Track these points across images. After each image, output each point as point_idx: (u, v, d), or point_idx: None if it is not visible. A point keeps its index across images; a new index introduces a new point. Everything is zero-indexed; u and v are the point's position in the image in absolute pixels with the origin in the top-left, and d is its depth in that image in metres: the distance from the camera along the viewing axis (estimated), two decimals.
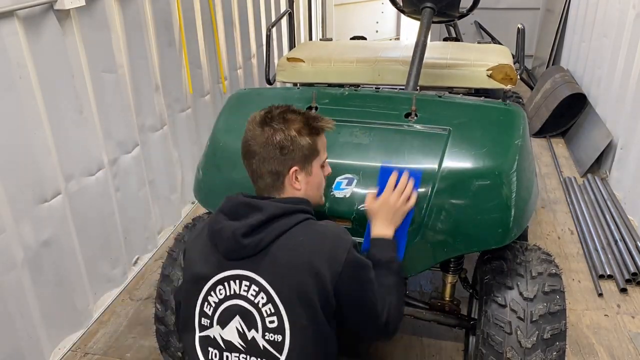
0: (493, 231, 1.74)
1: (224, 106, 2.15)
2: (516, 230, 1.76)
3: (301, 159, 1.55)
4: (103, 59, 2.71)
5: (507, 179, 1.74)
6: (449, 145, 1.80)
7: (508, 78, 2.49)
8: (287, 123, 1.54)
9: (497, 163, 1.76)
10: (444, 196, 1.73)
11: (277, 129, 1.52)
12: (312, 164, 1.59)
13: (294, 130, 1.53)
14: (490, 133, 1.87)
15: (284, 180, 1.55)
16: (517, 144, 1.82)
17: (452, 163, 1.77)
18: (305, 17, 6.27)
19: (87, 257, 2.68)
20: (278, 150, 1.52)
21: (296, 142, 1.53)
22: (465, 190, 1.73)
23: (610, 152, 4.05)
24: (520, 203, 1.76)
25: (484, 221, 1.73)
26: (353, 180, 1.79)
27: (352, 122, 1.94)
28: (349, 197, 1.77)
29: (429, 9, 2.59)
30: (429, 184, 1.75)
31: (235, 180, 1.88)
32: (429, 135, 1.85)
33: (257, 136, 1.54)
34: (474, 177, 1.74)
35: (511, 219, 1.73)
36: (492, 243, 1.76)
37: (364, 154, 1.84)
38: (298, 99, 2.08)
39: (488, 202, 1.73)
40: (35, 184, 2.31)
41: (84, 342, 2.63)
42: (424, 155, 1.81)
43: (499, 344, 1.73)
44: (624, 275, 2.96)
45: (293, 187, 1.56)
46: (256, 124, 1.56)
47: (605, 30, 4.56)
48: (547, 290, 1.77)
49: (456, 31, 4.09)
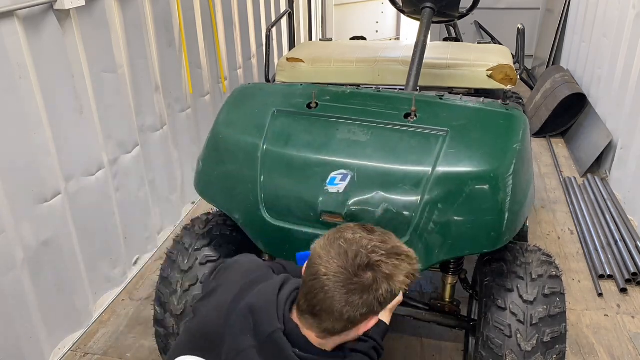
0: (485, 235, 1.73)
1: (226, 100, 2.15)
2: (508, 235, 1.76)
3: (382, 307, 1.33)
4: (103, 59, 2.71)
5: (502, 182, 1.73)
6: (446, 146, 1.79)
7: (508, 78, 2.49)
8: (396, 270, 1.28)
9: (493, 166, 1.75)
10: (437, 197, 1.72)
11: (382, 278, 1.26)
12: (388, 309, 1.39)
13: (399, 281, 1.28)
14: (489, 136, 1.86)
15: (352, 327, 1.32)
16: (515, 148, 1.81)
17: (447, 164, 1.76)
18: (305, 17, 6.26)
19: (87, 257, 2.68)
20: (370, 301, 1.27)
21: (394, 292, 1.31)
22: (459, 192, 1.72)
23: (610, 152, 4.05)
24: (514, 207, 1.76)
25: (477, 224, 1.72)
26: (347, 176, 1.78)
27: (351, 120, 1.93)
28: (342, 192, 1.76)
29: (429, 9, 2.58)
30: (423, 184, 1.73)
31: (231, 173, 1.89)
32: (427, 136, 1.84)
33: (344, 279, 1.25)
34: (469, 179, 1.73)
35: (504, 223, 1.73)
36: (484, 247, 1.76)
37: (361, 152, 1.83)
38: (300, 95, 2.08)
39: (482, 205, 1.72)
40: (35, 184, 2.31)
41: (84, 342, 2.63)
42: (420, 155, 1.80)
43: (499, 347, 1.73)
44: (624, 275, 2.97)
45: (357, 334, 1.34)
46: (349, 266, 1.25)
47: (605, 30, 4.55)
48: (547, 292, 1.77)
49: (456, 31, 4.09)
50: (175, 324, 1.99)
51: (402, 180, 1.75)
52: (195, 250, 2.05)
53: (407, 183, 1.74)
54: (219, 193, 1.95)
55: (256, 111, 2.01)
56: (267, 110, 1.99)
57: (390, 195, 1.74)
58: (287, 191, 1.82)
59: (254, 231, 1.90)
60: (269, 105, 2.01)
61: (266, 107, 2.01)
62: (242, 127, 1.98)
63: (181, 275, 2.01)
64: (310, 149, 1.85)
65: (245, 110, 2.06)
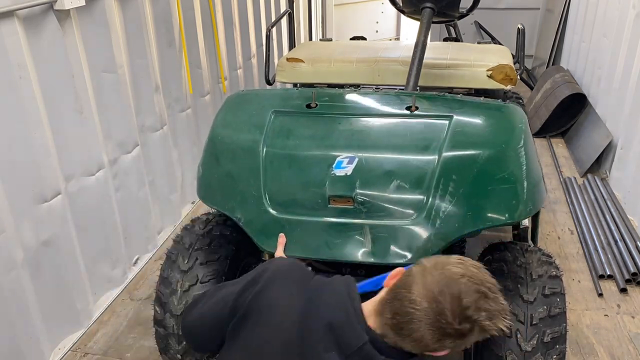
0: (506, 204, 1.68)
1: (222, 106, 2.15)
2: (531, 205, 1.71)
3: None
4: (103, 59, 2.71)
5: (514, 152, 1.71)
6: (452, 126, 1.78)
7: (508, 78, 2.49)
8: (492, 327, 1.20)
9: (503, 139, 1.74)
10: (450, 171, 1.69)
11: (479, 332, 1.19)
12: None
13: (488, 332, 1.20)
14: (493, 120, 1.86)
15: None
16: (521, 127, 1.82)
17: (457, 140, 1.73)
18: (305, 17, 6.26)
19: (87, 257, 2.68)
20: (459, 344, 1.22)
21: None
22: (472, 164, 1.70)
23: (610, 152, 4.05)
24: (531, 178, 1.72)
25: (496, 194, 1.68)
26: (354, 159, 1.76)
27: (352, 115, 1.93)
28: (350, 175, 1.73)
29: (429, 9, 2.59)
30: (434, 161, 1.70)
31: (231, 172, 1.88)
32: (432, 122, 1.83)
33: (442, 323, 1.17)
34: (482, 150, 1.70)
35: (524, 191, 1.69)
36: (507, 217, 1.70)
37: (366, 139, 1.81)
38: (298, 97, 2.08)
39: (497, 175, 1.69)
40: (35, 184, 2.31)
41: (84, 342, 2.63)
42: (427, 135, 1.77)
43: (499, 347, 1.73)
44: (624, 275, 2.96)
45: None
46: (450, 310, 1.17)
47: (605, 30, 4.55)
48: (547, 293, 1.77)
49: (456, 31, 4.09)
50: (175, 324, 1.99)
51: (412, 158, 1.72)
52: (195, 250, 2.05)
53: (417, 160, 1.71)
54: (221, 195, 1.94)
55: (254, 113, 2.01)
56: (265, 112, 1.98)
57: (401, 173, 1.71)
58: (291, 181, 1.79)
59: (257, 228, 1.87)
60: (266, 107, 2.01)
61: (264, 109, 2.00)
62: (240, 128, 1.97)
63: (181, 276, 2.01)
64: (314, 140, 1.84)
65: (243, 113, 2.05)
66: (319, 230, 1.78)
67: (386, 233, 1.73)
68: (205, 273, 2.02)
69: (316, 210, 1.77)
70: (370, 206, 1.72)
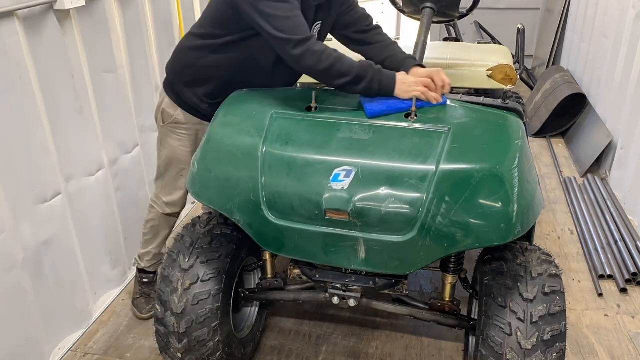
0: (495, 226, 1.70)
1: (222, 104, 2.15)
2: (520, 227, 1.72)
3: None
4: (103, 59, 2.71)
5: (508, 174, 1.72)
6: (449, 140, 1.79)
7: (508, 78, 2.49)
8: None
9: (498, 158, 1.74)
10: (444, 190, 1.70)
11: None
12: None
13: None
14: (490, 133, 1.86)
15: None
16: (517, 144, 1.82)
17: (452, 157, 1.74)
18: None
19: (87, 257, 2.68)
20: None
21: None
22: (466, 184, 1.70)
23: (610, 152, 4.05)
24: (523, 200, 1.73)
25: (486, 216, 1.69)
26: (351, 172, 1.76)
27: (352, 121, 1.93)
28: (346, 189, 1.74)
29: (429, 9, 2.59)
30: (429, 178, 1.72)
31: (229, 174, 1.88)
32: (429, 133, 1.83)
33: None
34: (475, 171, 1.71)
35: (514, 214, 1.70)
36: (495, 239, 1.71)
37: (364, 150, 1.82)
38: (297, 99, 2.08)
39: (490, 197, 1.69)
40: (35, 184, 2.31)
41: (84, 342, 2.63)
42: (424, 150, 1.78)
43: (499, 345, 1.74)
44: (624, 275, 2.97)
45: None
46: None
47: (605, 30, 4.56)
48: (547, 291, 1.77)
49: (456, 31, 4.10)
50: (175, 322, 1.99)
51: (408, 174, 1.73)
52: (196, 248, 2.05)
53: (412, 177, 1.72)
54: (217, 195, 1.93)
55: (254, 113, 2.00)
56: (265, 113, 1.98)
57: (396, 190, 1.73)
58: (289, 190, 1.80)
59: (256, 231, 1.89)
60: (267, 108, 2.00)
61: (264, 109, 2.00)
62: (240, 128, 1.97)
63: (182, 274, 2.01)
64: (312, 147, 1.85)
65: (243, 112, 2.05)
66: (315, 238, 1.82)
67: (379, 247, 1.77)
68: (206, 271, 2.03)
69: (313, 220, 1.80)
70: (365, 221, 1.75)
